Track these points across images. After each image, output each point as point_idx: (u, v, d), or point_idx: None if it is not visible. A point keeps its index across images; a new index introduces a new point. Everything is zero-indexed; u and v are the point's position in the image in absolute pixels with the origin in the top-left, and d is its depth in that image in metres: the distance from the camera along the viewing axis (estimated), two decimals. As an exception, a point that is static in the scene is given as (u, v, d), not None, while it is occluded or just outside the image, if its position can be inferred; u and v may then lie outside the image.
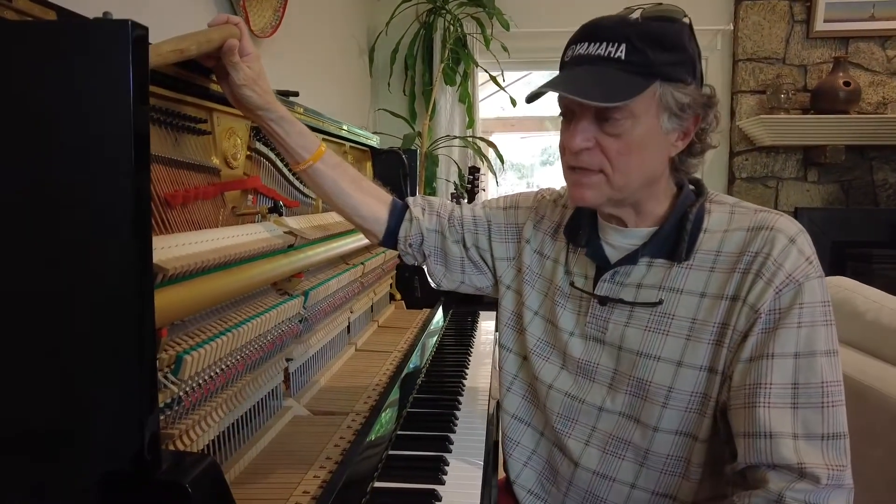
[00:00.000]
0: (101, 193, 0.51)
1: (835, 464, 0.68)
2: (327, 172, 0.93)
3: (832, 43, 3.15)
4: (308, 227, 1.13)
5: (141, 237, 0.52)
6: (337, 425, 0.98)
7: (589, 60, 0.75)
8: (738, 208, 0.81)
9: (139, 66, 0.49)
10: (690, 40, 0.77)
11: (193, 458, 0.59)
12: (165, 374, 0.67)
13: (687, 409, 0.78)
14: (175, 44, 0.67)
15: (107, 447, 0.54)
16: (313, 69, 2.37)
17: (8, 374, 0.53)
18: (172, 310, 0.67)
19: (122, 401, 0.53)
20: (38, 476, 0.54)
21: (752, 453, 0.71)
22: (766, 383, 0.71)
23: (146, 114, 0.52)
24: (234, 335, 0.78)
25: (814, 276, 0.73)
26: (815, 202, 3.25)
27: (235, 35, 0.79)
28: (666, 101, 0.75)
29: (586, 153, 0.77)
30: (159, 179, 0.77)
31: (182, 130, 0.83)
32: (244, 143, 1.01)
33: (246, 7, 1.65)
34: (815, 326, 0.72)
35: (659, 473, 0.81)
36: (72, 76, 0.49)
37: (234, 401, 0.82)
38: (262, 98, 0.83)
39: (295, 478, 0.81)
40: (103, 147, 0.50)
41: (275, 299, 0.97)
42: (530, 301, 0.94)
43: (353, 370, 1.29)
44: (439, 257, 1.02)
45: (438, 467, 0.87)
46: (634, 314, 0.82)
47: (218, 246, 0.79)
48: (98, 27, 0.49)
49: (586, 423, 0.86)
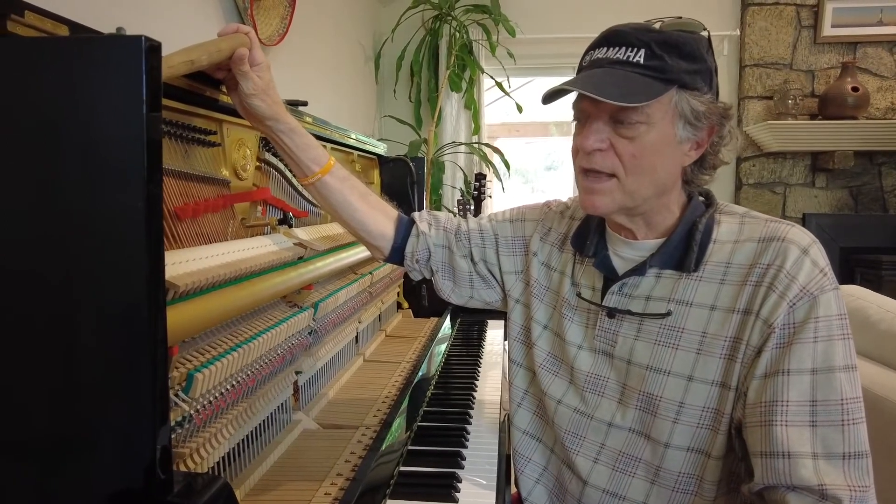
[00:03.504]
0: (116, 206, 0.50)
1: (857, 484, 0.67)
2: (336, 186, 0.92)
3: (840, 48, 3.14)
4: (317, 238, 1.13)
5: (154, 249, 0.51)
6: (347, 439, 0.97)
7: (607, 63, 0.75)
8: (748, 219, 0.80)
9: (153, 79, 0.49)
10: (708, 52, 0.77)
11: (206, 479, 0.59)
12: (176, 392, 0.66)
13: (699, 425, 0.76)
14: (185, 55, 0.67)
15: (119, 467, 0.53)
16: (320, 76, 2.36)
17: (21, 391, 0.52)
18: (183, 327, 0.66)
19: (134, 420, 0.52)
20: (49, 493, 0.53)
21: (769, 474, 0.69)
22: (783, 400, 0.69)
23: (160, 124, 0.52)
24: (244, 350, 0.77)
25: (829, 289, 0.72)
26: (823, 208, 3.23)
27: (245, 44, 0.78)
28: (682, 109, 0.74)
29: (599, 155, 0.76)
30: (169, 193, 0.76)
31: (192, 142, 0.83)
32: (253, 153, 1.01)
33: (254, 16, 1.65)
34: (832, 341, 0.70)
35: (671, 492, 0.79)
36: (88, 91, 0.49)
37: (244, 416, 0.81)
38: (271, 108, 0.83)
39: (306, 494, 0.80)
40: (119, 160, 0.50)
41: (284, 312, 0.96)
42: (539, 315, 0.93)
43: (362, 382, 1.28)
44: (447, 272, 1.01)
45: (451, 484, 0.85)
46: (643, 327, 0.81)
47: (228, 260, 0.78)
48: (113, 42, 0.48)
49: (595, 440, 0.84)
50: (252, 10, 1.64)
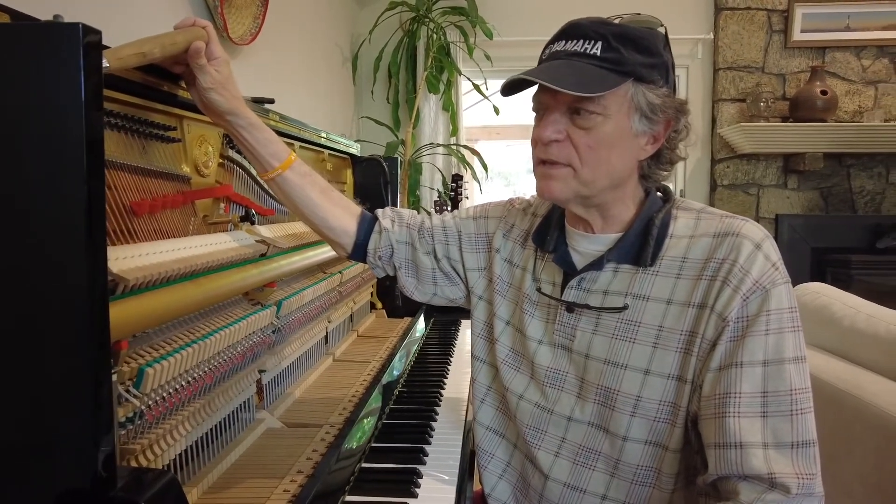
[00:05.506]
0: (53, 200, 0.49)
1: (805, 472, 0.68)
2: (296, 181, 0.91)
3: (809, 52, 3.21)
4: (282, 236, 1.12)
5: (95, 245, 0.51)
6: (311, 438, 0.96)
7: (565, 55, 0.76)
8: (703, 214, 0.82)
9: (91, 70, 0.48)
10: (665, 48, 0.79)
11: (153, 474, 0.58)
12: (127, 387, 0.65)
13: (656, 418, 0.77)
14: (137, 47, 0.66)
15: (61, 463, 0.52)
16: (295, 77, 2.35)
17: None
18: (133, 321, 0.65)
19: (76, 415, 0.51)
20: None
21: (722, 464, 0.70)
22: (736, 392, 0.71)
23: (100, 119, 0.51)
24: (200, 347, 0.76)
25: (780, 282, 0.73)
26: (795, 209, 3.29)
27: (202, 38, 0.78)
28: (637, 101, 0.76)
29: (556, 146, 0.77)
30: (125, 187, 0.75)
31: (150, 138, 0.82)
32: (216, 150, 1.00)
33: (224, 14, 1.64)
34: (783, 333, 0.71)
35: (630, 484, 0.80)
36: (23, 81, 0.48)
37: (202, 414, 0.80)
38: (230, 103, 0.82)
39: (264, 492, 0.79)
40: (56, 153, 0.49)
41: (245, 310, 0.96)
42: (501, 311, 0.93)
43: (330, 381, 1.27)
44: (410, 269, 1.01)
45: (411, 480, 0.85)
46: (601, 322, 0.81)
47: (183, 255, 0.77)
48: (48, 30, 0.48)
49: (555, 434, 0.85)
50: (222, 8, 1.63)
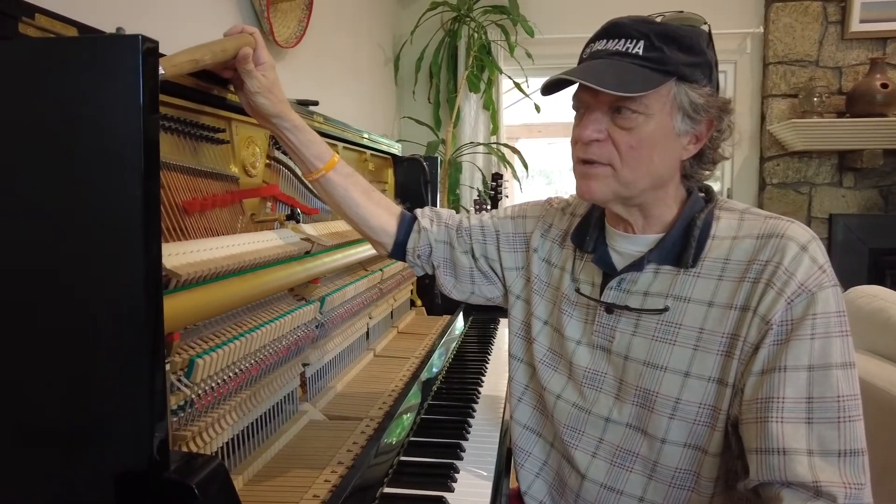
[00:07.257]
0: (113, 199, 0.52)
1: (853, 482, 0.66)
2: (339, 182, 0.94)
3: (868, 44, 3.05)
4: (325, 234, 1.15)
5: (150, 242, 0.54)
6: (351, 430, 0.99)
7: (606, 55, 0.76)
8: (747, 215, 0.80)
9: (149, 76, 0.51)
10: (709, 46, 0.77)
11: (203, 459, 0.61)
12: (179, 377, 0.69)
13: (695, 421, 0.76)
14: (189, 54, 0.70)
15: (120, 446, 0.55)
16: (339, 78, 2.40)
17: (22, 377, 0.55)
18: (185, 315, 0.68)
19: (132, 401, 0.55)
20: (53, 473, 0.56)
21: (765, 470, 0.69)
22: (779, 397, 0.69)
23: (157, 122, 0.54)
24: (247, 340, 0.80)
25: (827, 286, 0.71)
26: (850, 208, 3.14)
27: (250, 44, 0.81)
28: (680, 101, 0.75)
29: (596, 145, 0.77)
30: (177, 188, 0.79)
31: (201, 140, 0.86)
32: (263, 151, 1.03)
33: (270, 18, 1.69)
34: (830, 338, 0.69)
35: (668, 487, 0.79)
36: (88, 89, 0.51)
37: (248, 404, 0.84)
38: (276, 107, 0.85)
39: (306, 481, 0.82)
40: (116, 154, 0.52)
41: (290, 305, 0.99)
42: (539, 310, 0.94)
43: (371, 375, 1.30)
44: (449, 268, 1.02)
45: (448, 474, 0.87)
46: (641, 323, 0.81)
47: (232, 252, 0.81)
48: (111, 41, 0.51)
49: (593, 435, 0.84)
50: (269, 12, 1.67)
